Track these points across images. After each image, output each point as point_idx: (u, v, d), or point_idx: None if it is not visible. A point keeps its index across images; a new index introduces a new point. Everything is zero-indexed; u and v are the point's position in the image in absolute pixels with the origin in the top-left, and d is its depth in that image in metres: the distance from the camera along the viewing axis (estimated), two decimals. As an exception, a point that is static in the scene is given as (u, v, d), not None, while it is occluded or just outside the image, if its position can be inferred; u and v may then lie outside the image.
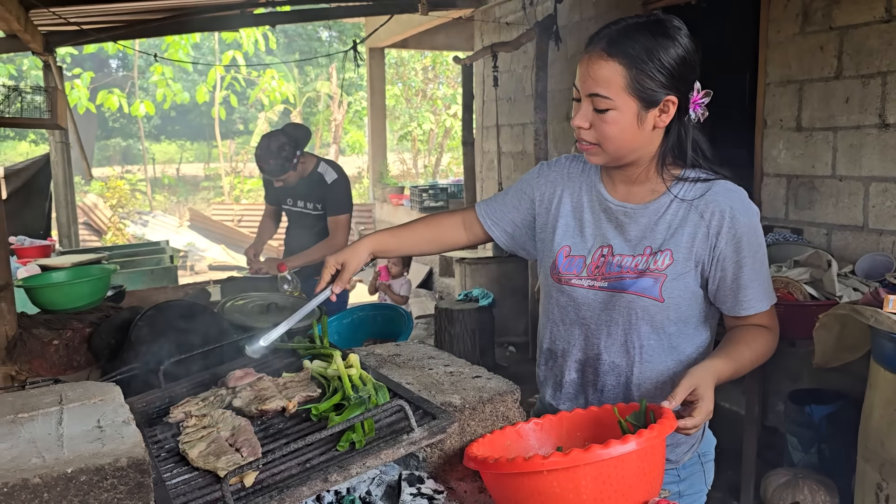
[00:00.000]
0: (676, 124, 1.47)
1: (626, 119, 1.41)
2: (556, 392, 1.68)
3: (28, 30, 5.12)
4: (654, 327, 1.51)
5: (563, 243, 1.61)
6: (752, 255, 1.47)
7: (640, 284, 1.49)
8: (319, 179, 3.92)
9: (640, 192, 1.55)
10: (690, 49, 1.42)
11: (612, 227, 1.56)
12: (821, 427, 3.31)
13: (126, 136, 25.83)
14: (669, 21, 1.43)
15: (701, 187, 1.49)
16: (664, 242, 1.49)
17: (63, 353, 2.55)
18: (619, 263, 1.52)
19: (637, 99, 1.40)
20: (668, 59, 1.39)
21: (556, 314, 1.64)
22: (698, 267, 1.49)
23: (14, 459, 1.06)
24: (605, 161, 1.51)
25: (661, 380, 1.54)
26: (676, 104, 1.43)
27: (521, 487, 1.16)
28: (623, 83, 1.39)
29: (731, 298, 1.50)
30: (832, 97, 3.67)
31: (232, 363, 1.79)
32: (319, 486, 1.14)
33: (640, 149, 1.48)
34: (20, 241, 5.83)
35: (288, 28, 22.39)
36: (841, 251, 3.66)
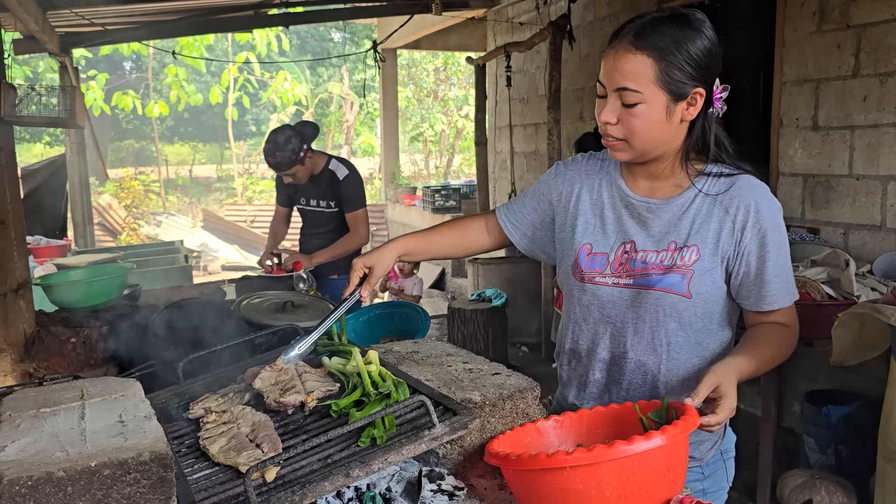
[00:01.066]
0: (701, 118, 1.46)
1: (655, 113, 1.40)
2: (581, 392, 1.66)
3: (45, 31, 5.15)
4: (681, 324, 1.50)
5: (584, 241, 1.59)
6: (777, 250, 1.46)
7: (667, 281, 1.47)
8: (331, 176, 3.93)
9: (664, 187, 1.53)
10: (715, 41, 1.42)
11: (635, 223, 1.54)
12: (838, 428, 3.28)
13: (139, 138, 25.98)
14: (693, 14, 1.42)
15: (725, 182, 1.48)
16: (689, 238, 1.48)
17: (80, 351, 2.57)
18: (643, 260, 1.51)
19: (667, 91, 1.39)
20: (695, 51, 1.38)
21: (579, 313, 1.62)
22: (724, 262, 1.48)
23: (38, 453, 1.06)
24: (631, 157, 1.49)
25: (688, 377, 1.53)
26: (704, 97, 1.42)
27: (543, 484, 1.15)
28: (652, 76, 1.38)
29: (754, 293, 1.49)
30: (849, 96, 3.64)
31: (251, 360, 1.79)
32: (341, 482, 1.14)
33: (666, 143, 1.46)
34: (37, 240, 5.88)
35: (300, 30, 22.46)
36: (858, 251, 3.63)
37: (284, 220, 4.36)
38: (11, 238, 2.56)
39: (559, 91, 5.30)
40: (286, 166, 3.76)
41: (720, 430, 1.63)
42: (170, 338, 2.18)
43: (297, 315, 2.54)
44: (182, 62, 12.91)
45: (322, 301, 2.77)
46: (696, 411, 1.25)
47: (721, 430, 1.65)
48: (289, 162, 3.74)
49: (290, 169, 3.79)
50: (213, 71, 21.53)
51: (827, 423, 3.32)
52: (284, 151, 3.71)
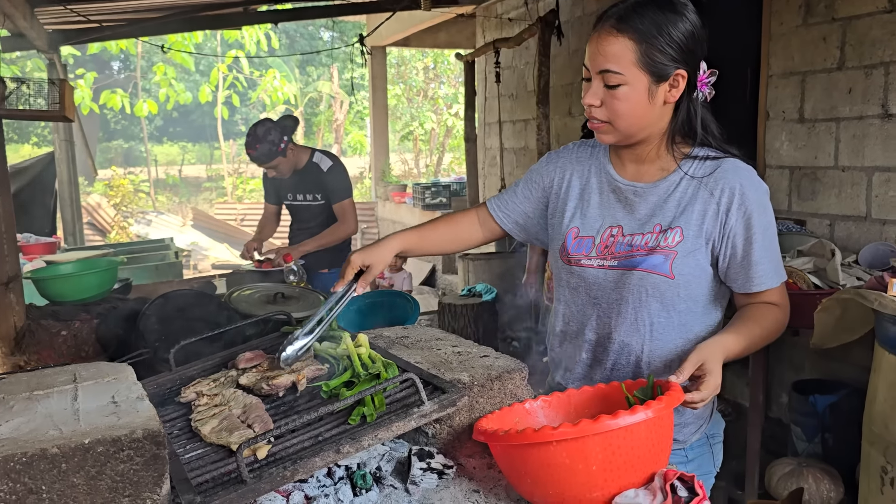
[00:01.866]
0: (686, 101, 1.48)
1: (637, 94, 1.42)
2: (567, 373, 1.68)
3: (34, 27, 5.14)
4: (664, 304, 1.52)
5: (571, 225, 1.62)
6: (763, 232, 1.48)
7: (650, 261, 1.49)
8: (315, 169, 3.95)
9: (650, 170, 1.56)
10: (698, 24, 1.44)
11: (622, 207, 1.57)
12: (824, 416, 3.32)
13: (128, 138, 25.89)
14: None
15: (710, 165, 1.50)
16: (674, 220, 1.50)
17: (71, 344, 2.57)
18: (629, 242, 1.53)
19: (647, 73, 1.41)
20: (676, 33, 1.41)
21: (567, 296, 1.65)
22: (709, 244, 1.50)
23: (32, 431, 1.07)
24: (617, 139, 1.51)
25: (671, 358, 1.54)
26: (686, 78, 1.44)
27: (530, 459, 1.17)
28: (633, 58, 1.40)
29: (741, 275, 1.51)
30: (835, 88, 3.67)
31: (241, 347, 1.80)
32: (332, 458, 1.16)
33: (650, 125, 1.48)
34: (26, 238, 5.86)
35: (289, 28, 22.44)
36: (844, 241, 3.67)
37: (273, 218, 4.36)
38: (1, 232, 2.56)
39: (548, 87, 5.32)
40: (267, 158, 3.78)
41: (705, 413, 1.65)
42: (161, 329, 2.19)
43: (287, 306, 2.55)
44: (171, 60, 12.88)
45: (312, 293, 2.78)
46: (681, 388, 1.27)
47: (706, 414, 1.66)
48: (269, 153, 3.76)
49: (271, 161, 3.80)
50: (202, 70, 21.48)
51: (814, 411, 3.35)
52: (264, 143, 3.73)
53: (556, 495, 1.17)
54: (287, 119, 3.96)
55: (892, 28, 3.35)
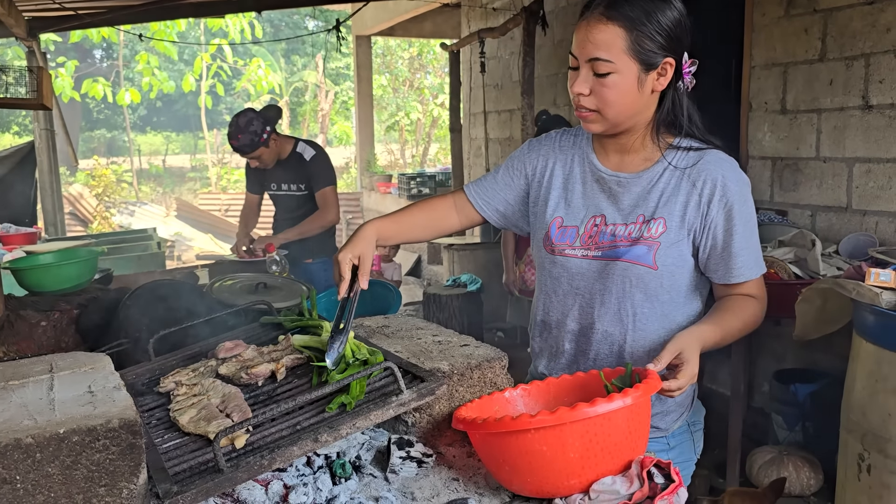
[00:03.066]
0: (671, 90, 1.49)
1: (627, 82, 1.42)
2: (551, 363, 1.69)
3: (11, 14, 5.06)
4: (647, 295, 1.53)
5: (555, 214, 1.62)
6: (744, 224, 1.48)
7: (634, 252, 1.50)
8: (298, 159, 3.93)
9: (634, 160, 1.56)
10: (684, 13, 1.44)
11: (605, 197, 1.57)
12: (805, 405, 3.35)
13: (111, 128, 25.63)
14: None
15: (693, 156, 1.51)
16: (657, 210, 1.51)
17: (51, 335, 2.55)
18: (612, 232, 1.54)
19: (638, 61, 1.41)
20: (665, 21, 1.41)
21: (550, 285, 1.65)
22: (690, 235, 1.51)
23: (6, 422, 1.06)
24: (604, 128, 1.50)
25: (653, 348, 1.54)
26: (674, 67, 1.45)
27: (509, 447, 1.17)
28: (624, 45, 1.40)
29: (721, 266, 1.51)
30: (816, 79, 3.69)
31: (222, 336, 1.79)
32: (310, 446, 1.16)
33: (637, 114, 1.49)
34: (5, 228, 5.79)
35: (274, 17, 22.27)
36: (825, 232, 3.70)
37: (255, 209, 4.34)
38: (-21, 221, 2.53)
39: (533, 77, 5.32)
40: (249, 148, 3.76)
41: (687, 401, 1.67)
42: (141, 319, 2.17)
43: (269, 296, 2.54)
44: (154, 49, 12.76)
45: (295, 283, 2.77)
46: (658, 376, 1.28)
47: (688, 402, 1.67)
48: (251, 144, 3.74)
49: (253, 151, 3.78)
50: (186, 59, 21.28)
51: (794, 400, 3.39)
52: (246, 133, 3.71)
53: (535, 483, 1.18)
54: (270, 109, 3.94)
55: (873, 20, 3.37)
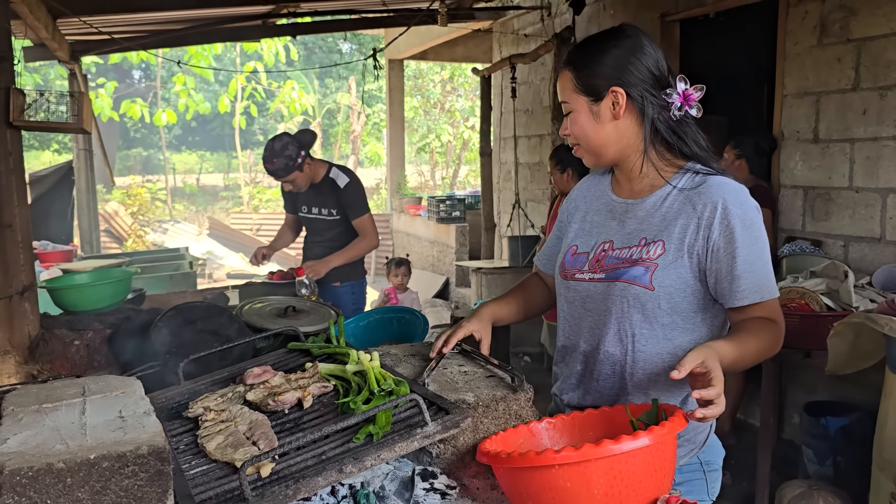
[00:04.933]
0: (650, 119, 1.55)
1: (582, 116, 1.58)
2: (563, 384, 1.73)
3: (55, 38, 5.22)
4: (645, 316, 1.55)
5: (572, 243, 1.71)
6: (748, 247, 1.49)
7: (631, 273, 1.55)
8: (332, 185, 3.97)
9: (641, 187, 1.63)
10: (635, 47, 1.55)
11: (615, 224, 1.64)
12: (836, 439, 3.29)
13: (147, 147, 26.14)
14: (620, 26, 1.60)
15: (699, 180, 1.55)
16: (658, 233, 1.55)
17: (84, 354, 2.59)
18: (617, 255, 1.60)
19: (584, 95, 1.57)
20: (604, 56, 1.55)
21: (567, 310, 1.70)
22: (693, 258, 1.52)
23: (39, 446, 1.09)
24: (593, 160, 1.64)
25: (655, 371, 1.56)
26: (625, 95, 1.54)
27: (532, 482, 1.17)
28: (571, 85, 1.58)
29: (727, 289, 1.52)
30: (849, 109, 3.66)
31: (250, 361, 1.82)
32: (335, 477, 1.17)
33: (613, 143, 1.59)
34: (43, 245, 5.93)
35: (308, 40, 22.61)
36: (858, 263, 3.64)
37: (291, 227, 4.39)
38: (17, 241, 2.59)
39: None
40: (283, 172, 3.80)
41: (698, 437, 1.64)
42: (172, 340, 2.20)
43: (298, 320, 2.56)
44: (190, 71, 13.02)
45: (324, 307, 2.79)
46: (684, 414, 1.27)
47: (699, 438, 1.65)
48: (286, 168, 3.78)
49: (287, 175, 3.82)
50: (221, 80, 21.67)
51: (825, 434, 3.32)
52: (281, 158, 3.76)
53: (558, 519, 1.17)
54: (305, 134, 3.99)
55: (909, 50, 3.34)
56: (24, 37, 5.70)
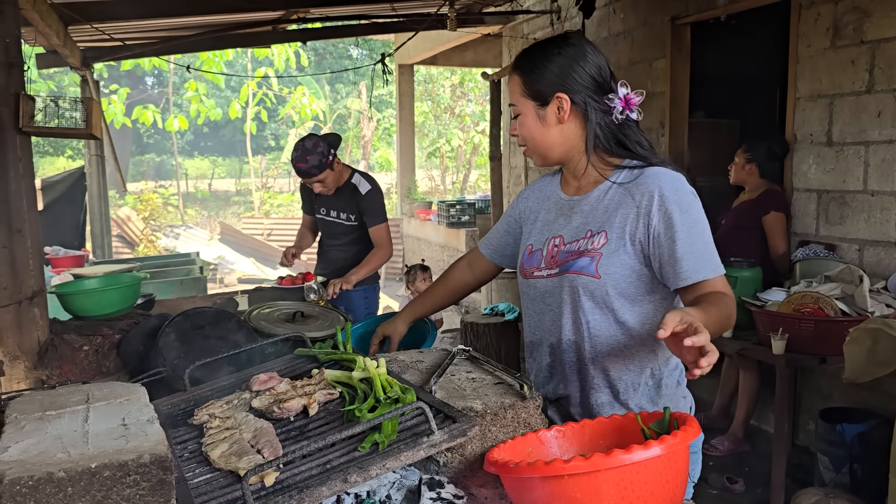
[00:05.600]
0: (593, 123, 1.65)
1: (529, 119, 1.69)
2: (536, 378, 1.82)
3: (67, 45, 5.25)
4: (595, 302, 1.64)
5: (527, 242, 1.83)
6: (687, 230, 1.56)
7: (578, 264, 1.65)
8: (353, 190, 3.97)
9: (586, 184, 1.73)
10: (576, 56, 1.64)
11: (564, 220, 1.75)
12: (852, 446, 3.24)
13: (160, 152, 26.30)
14: (564, 35, 1.71)
15: (636, 173, 1.65)
16: (601, 224, 1.65)
17: (93, 359, 2.59)
18: (567, 249, 1.70)
19: (531, 99, 1.67)
20: (549, 63, 1.65)
21: (530, 307, 1.81)
22: (636, 245, 1.61)
23: (40, 454, 1.07)
24: (540, 160, 1.75)
25: (612, 353, 1.66)
26: (569, 101, 1.63)
27: (541, 492, 1.15)
28: (519, 90, 1.69)
29: (671, 272, 1.59)
30: (864, 111, 3.62)
31: (257, 367, 1.80)
32: (339, 487, 1.15)
33: (557, 144, 1.69)
34: (55, 251, 5.96)
35: (318, 46, 22.70)
36: (873, 267, 3.59)
37: (310, 229, 4.38)
38: (27, 247, 2.59)
39: (573, 106, 5.30)
40: (318, 170, 3.78)
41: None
42: (180, 346, 2.19)
43: (306, 325, 2.55)
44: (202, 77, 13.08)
45: (332, 312, 2.78)
46: (697, 421, 1.24)
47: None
48: (319, 165, 3.77)
49: (320, 173, 3.81)
50: (233, 86, 21.78)
51: (841, 441, 3.28)
52: (315, 155, 3.75)
53: (567, 530, 1.15)
54: (330, 136, 4.02)
55: (924, 51, 3.30)
56: (37, 44, 5.74)
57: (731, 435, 4.03)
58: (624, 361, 1.66)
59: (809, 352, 3.17)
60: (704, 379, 4.74)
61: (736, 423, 4.06)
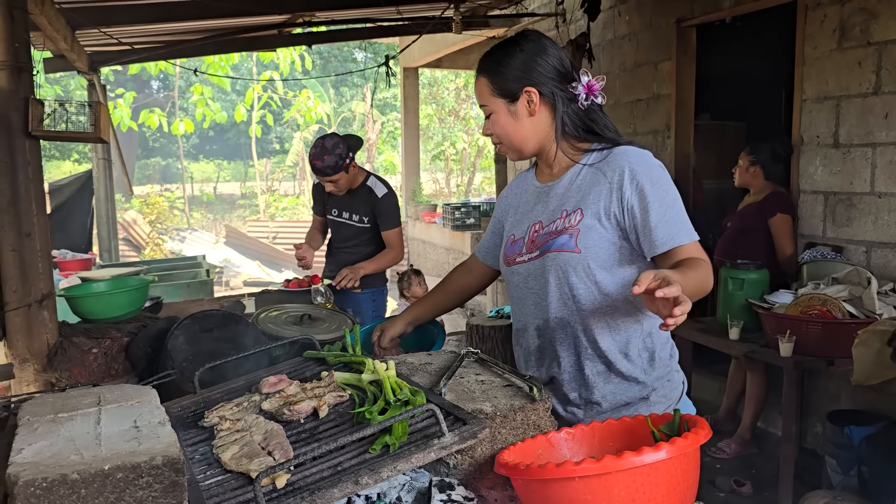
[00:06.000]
0: (559, 111, 1.73)
1: (501, 116, 1.75)
2: (525, 363, 1.86)
3: (74, 49, 5.27)
4: (578, 276, 1.70)
5: (509, 233, 1.89)
6: (659, 200, 1.63)
7: (558, 242, 1.71)
8: (368, 192, 3.98)
9: (558, 170, 1.81)
10: (534, 50, 1.72)
11: (540, 206, 1.81)
12: (860, 449, 3.23)
13: (165, 156, 26.39)
14: (522, 33, 1.78)
15: (604, 154, 1.73)
16: (577, 203, 1.72)
17: (101, 362, 2.60)
18: (546, 232, 1.76)
19: (501, 97, 1.74)
20: (513, 60, 1.72)
21: (514, 294, 1.86)
22: (611, 220, 1.68)
23: (53, 456, 1.08)
24: (515, 154, 1.81)
25: (601, 324, 1.71)
26: (538, 93, 1.71)
27: (552, 495, 1.15)
28: (489, 90, 1.75)
29: (646, 240, 1.65)
30: (870, 113, 3.61)
31: (266, 370, 1.81)
32: (350, 489, 1.15)
33: (531, 137, 1.76)
34: (62, 254, 5.98)
35: (323, 49, 22.74)
36: (881, 269, 3.58)
37: (320, 230, 4.37)
38: (36, 250, 2.61)
39: (579, 109, 5.30)
40: (332, 171, 3.79)
41: (673, 394, 1.77)
42: (189, 349, 2.20)
43: (314, 328, 2.56)
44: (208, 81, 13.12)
45: (339, 315, 2.78)
46: (708, 425, 1.24)
47: (674, 395, 1.78)
48: (335, 167, 3.78)
49: (334, 174, 3.82)
50: (238, 90, 21.84)
51: (849, 443, 3.27)
52: (332, 156, 3.75)
53: (578, 532, 1.15)
54: (351, 138, 4.03)
55: (931, 53, 3.29)
56: (44, 48, 5.77)
57: (739, 437, 4.02)
58: (612, 332, 1.71)
59: (817, 354, 3.16)
60: (711, 381, 4.74)
61: (743, 426, 4.05)
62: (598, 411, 1.73)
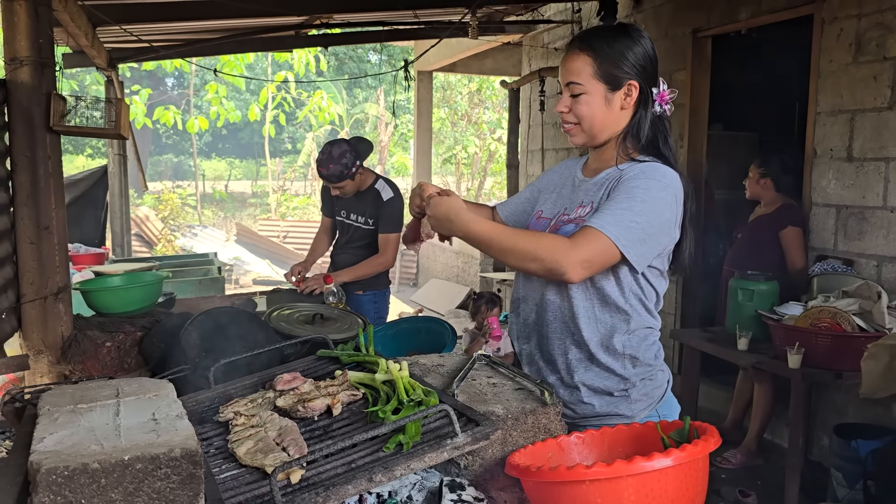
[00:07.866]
0: (641, 111, 1.73)
1: (595, 100, 1.71)
2: (519, 333, 1.89)
3: (94, 46, 5.32)
4: None
5: (538, 209, 1.91)
6: (626, 194, 1.63)
7: (564, 229, 1.73)
8: (376, 195, 4.00)
9: (601, 167, 1.80)
10: (648, 47, 1.72)
11: (573, 196, 1.83)
12: (867, 463, 3.23)
13: (178, 153, 26.52)
14: (631, 25, 1.76)
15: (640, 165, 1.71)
16: (591, 198, 1.74)
17: (115, 355, 2.63)
18: (564, 219, 1.78)
19: (603, 82, 1.70)
20: (627, 51, 1.69)
21: None
22: None
23: (74, 446, 1.10)
24: (584, 140, 1.77)
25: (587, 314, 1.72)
26: (639, 88, 1.70)
27: (562, 497, 1.16)
28: (591, 71, 1.70)
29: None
30: (885, 127, 3.61)
31: (280, 367, 1.83)
32: (364, 485, 1.17)
33: (609, 127, 1.74)
34: (76, 248, 6.03)
35: (338, 50, 22.80)
36: (892, 283, 3.58)
37: (328, 232, 4.40)
38: (54, 243, 2.64)
39: (592, 116, 5.31)
40: (336, 179, 3.84)
41: (656, 392, 1.78)
42: (202, 345, 2.23)
43: (325, 327, 2.58)
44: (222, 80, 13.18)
45: (350, 315, 2.81)
46: (717, 431, 1.26)
47: (657, 393, 1.78)
48: (339, 175, 3.82)
49: (339, 182, 3.86)
50: (252, 89, 21.93)
51: (856, 457, 3.26)
52: (337, 165, 3.79)
53: (587, 535, 1.16)
54: (361, 143, 4.03)
55: (948, 69, 3.29)
56: (65, 44, 5.82)
57: (745, 448, 4.02)
58: (597, 324, 1.72)
59: (825, 367, 3.17)
60: (719, 391, 4.72)
61: (749, 437, 4.05)
62: (578, 398, 1.73)
